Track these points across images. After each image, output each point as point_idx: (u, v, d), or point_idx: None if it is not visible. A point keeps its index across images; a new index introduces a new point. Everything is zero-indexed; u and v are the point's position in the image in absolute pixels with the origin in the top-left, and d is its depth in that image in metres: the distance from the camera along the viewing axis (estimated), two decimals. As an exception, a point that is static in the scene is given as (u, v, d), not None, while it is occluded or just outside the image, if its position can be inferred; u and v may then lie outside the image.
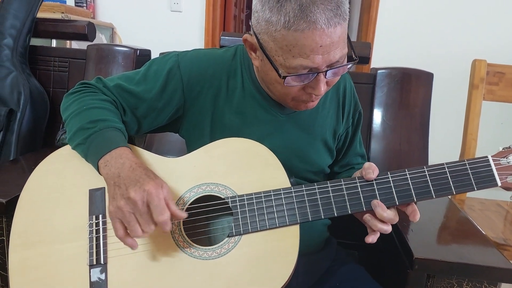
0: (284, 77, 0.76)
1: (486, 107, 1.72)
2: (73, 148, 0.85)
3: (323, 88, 0.79)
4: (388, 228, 0.79)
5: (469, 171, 0.78)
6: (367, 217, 0.80)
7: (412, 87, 1.50)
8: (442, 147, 1.95)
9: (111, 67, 1.61)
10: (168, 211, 0.72)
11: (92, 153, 0.81)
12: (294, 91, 0.81)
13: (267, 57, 0.77)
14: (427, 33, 2.69)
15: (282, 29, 0.72)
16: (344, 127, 1.02)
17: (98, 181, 0.82)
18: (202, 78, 0.92)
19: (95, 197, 0.82)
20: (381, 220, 0.79)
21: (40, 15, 1.70)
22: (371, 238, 0.81)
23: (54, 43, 2.21)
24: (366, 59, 1.58)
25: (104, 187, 0.82)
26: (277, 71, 0.76)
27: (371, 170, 0.80)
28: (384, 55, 2.69)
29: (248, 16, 5.05)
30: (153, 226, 0.72)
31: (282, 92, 0.83)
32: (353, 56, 0.80)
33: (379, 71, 1.51)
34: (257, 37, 0.78)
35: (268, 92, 0.91)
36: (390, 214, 0.78)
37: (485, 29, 2.62)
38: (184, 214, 0.75)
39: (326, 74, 0.77)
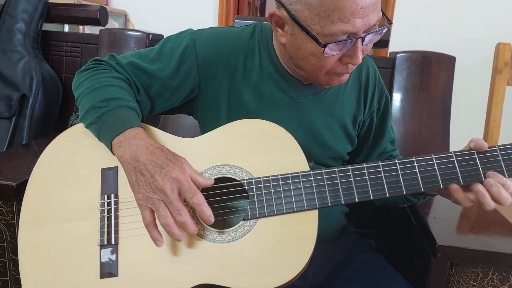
0: (325, 45, 0.71)
1: (510, 93, 1.65)
2: (86, 127, 0.83)
3: (360, 56, 0.75)
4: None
5: (500, 158, 0.74)
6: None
7: (433, 71, 1.45)
8: (464, 134, 1.88)
9: (124, 51, 1.58)
10: (200, 192, 0.71)
11: (105, 133, 0.78)
12: (330, 63, 0.77)
13: (302, 27, 0.73)
14: (448, 16, 2.60)
15: None
16: (368, 112, 0.98)
17: (111, 160, 0.80)
18: (218, 57, 0.89)
19: (108, 176, 0.80)
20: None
21: (53, 0, 1.68)
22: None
23: (66, 28, 2.20)
24: (385, 43, 1.53)
25: (117, 167, 0.80)
26: (316, 40, 0.72)
27: (481, 140, 0.75)
28: (403, 39, 2.61)
29: (263, 5, 4.99)
30: (184, 213, 0.70)
31: (317, 66, 0.78)
32: (386, 20, 0.76)
33: (398, 55, 1.46)
34: (287, 9, 0.74)
35: (294, 71, 0.87)
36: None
37: (509, 12, 2.52)
38: (210, 181, 0.75)
39: (363, 41, 0.73)
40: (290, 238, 0.74)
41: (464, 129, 2.03)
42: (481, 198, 0.72)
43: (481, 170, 0.74)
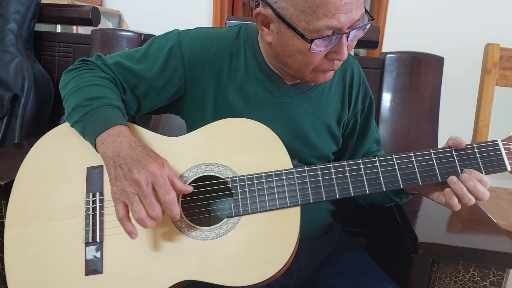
0: (311, 41, 0.73)
1: (499, 93, 1.67)
2: (71, 126, 0.84)
3: (346, 52, 0.77)
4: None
5: (478, 155, 0.76)
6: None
7: (422, 71, 1.46)
8: (453, 133, 1.91)
9: (115, 51, 1.59)
10: (173, 191, 0.71)
11: (89, 130, 0.79)
12: (316, 60, 0.78)
13: (288, 25, 0.74)
14: (439, 18, 2.64)
15: None
16: (352, 113, 0.99)
17: (96, 159, 0.81)
18: (204, 57, 0.90)
19: (93, 175, 0.81)
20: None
21: (46, 1, 1.69)
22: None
23: (59, 28, 2.21)
24: (375, 44, 1.54)
25: (102, 165, 0.81)
26: (303, 36, 0.73)
27: (459, 138, 0.77)
28: (396, 41, 2.64)
29: (258, 5, 5.00)
30: (157, 208, 0.70)
31: (303, 63, 0.79)
32: (369, 16, 0.78)
33: (388, 56, 1.47)
34: (272, 7, 0.76)
35: (280, 70, 0.88)
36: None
37: (498, 13, 2.55)
38: (189, 188, 0.74)
39: (348, 36, 0.75)
40: (272, 235, 0.75)
41: (453, 129, 2.05)
42: (459, 191, 0.74)
43: (458, 167, 0.75)
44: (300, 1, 0.71)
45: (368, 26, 0.77)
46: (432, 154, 0.76)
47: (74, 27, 2.46)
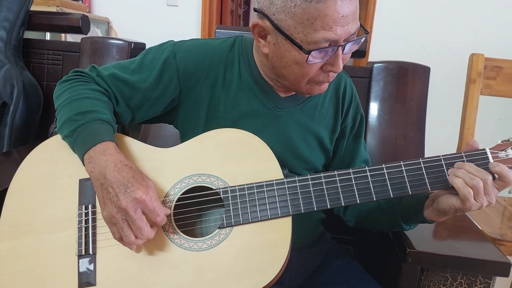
0: (309, 52, 0.74)
1: (483, 102, 1.70)
2: (62, 139, 0.84)
3: (341, 64, 0.79)
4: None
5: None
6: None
7: (409, 81, 1.49)
8: (439, 142, 1.94)
9: (105, 60, 1.59)
10: (163, 211, 0.74)
11: (78, 147, 0.80)
12: (312, 71, 0.80)
13: (286, 36, 0.76)
14: (425, 28, 2.70)
15: (303, 3, 0.71)
16: (341, 127, 1.00)
17: None
18: (199, 69, 0.91)
19: (85, 187, 0.81)
20: None
21: (35, 8, 1.68)
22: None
23: (48, 36, 2.20)
24: (362, 53, 1.57)
25: None
26: (300, 47, 0.75)
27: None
28: (382, 50, 2.69)
29: (246, 12, 5.03)
30: (146, 232, 0.73)
31: (299, 74, 0.81)
32: (363, 30, 0.80)
33: (375, 65, 1.49)
34: (270, 19, 0.77)
35: (275, 82, 0.89)
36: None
37: (483, 23, 2.62)
38: (167, 211, 0.77)
39: (344, 49, 0.77)
40: (264, 245, 0.76)
41: (439, 138, 2.08)
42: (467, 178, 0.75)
43: (447, 176, 0.77)
44: (299, 13, 0.72)
45: (363, 40, 0.79)
46: (422, 163, 0.78)
47: (63, 35, 2.46)
